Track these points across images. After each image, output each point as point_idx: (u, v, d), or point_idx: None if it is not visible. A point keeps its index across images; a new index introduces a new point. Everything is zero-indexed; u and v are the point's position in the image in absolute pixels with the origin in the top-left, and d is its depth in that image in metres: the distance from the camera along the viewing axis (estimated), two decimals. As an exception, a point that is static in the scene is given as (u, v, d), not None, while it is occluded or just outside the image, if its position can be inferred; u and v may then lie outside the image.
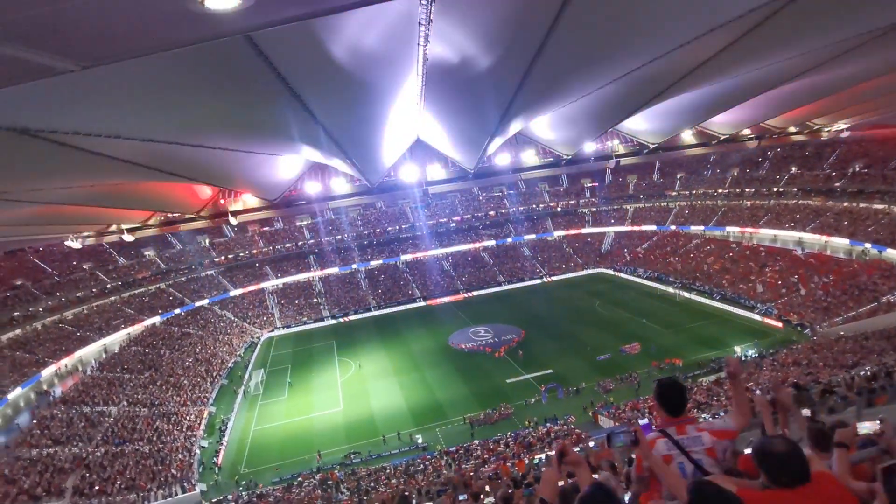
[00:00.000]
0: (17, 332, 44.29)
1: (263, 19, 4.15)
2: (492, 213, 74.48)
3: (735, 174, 64.89)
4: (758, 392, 22.77)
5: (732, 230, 58.67)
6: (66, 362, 42.19)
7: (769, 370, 28.60)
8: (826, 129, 55.01)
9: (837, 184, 52.83)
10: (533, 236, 72.70)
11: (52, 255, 54.39)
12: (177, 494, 25.58)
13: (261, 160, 31.72)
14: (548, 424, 28.27)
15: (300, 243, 67.87)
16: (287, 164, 38.51)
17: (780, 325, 39.25)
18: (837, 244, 47.29)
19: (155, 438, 30.87)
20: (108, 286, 54.48)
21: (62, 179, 20.27)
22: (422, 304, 60.14)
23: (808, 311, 39.27)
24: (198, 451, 30.48)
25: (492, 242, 71.79)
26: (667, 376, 3.93)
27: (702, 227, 62.00)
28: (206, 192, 43.81)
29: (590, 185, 76.10)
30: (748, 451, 3.70)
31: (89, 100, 10.50)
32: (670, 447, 3.26)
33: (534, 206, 75.08)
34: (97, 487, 25.24)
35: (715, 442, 3.27)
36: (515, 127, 34.09)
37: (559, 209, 75.28)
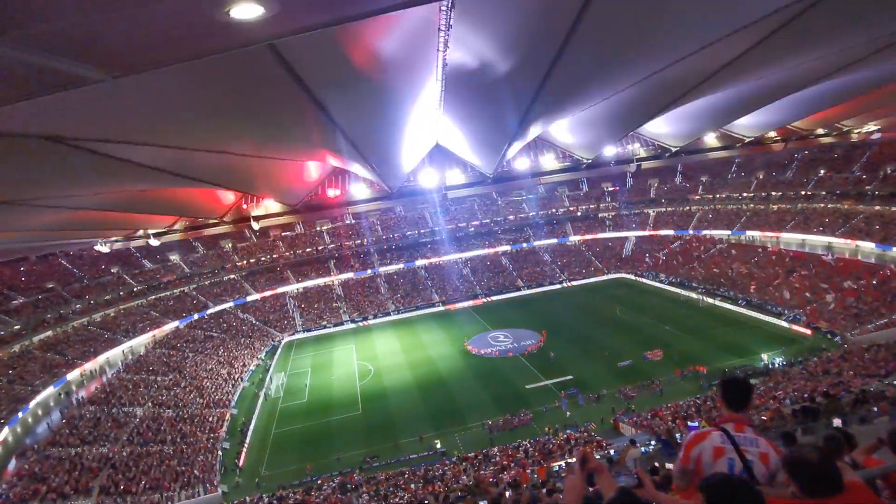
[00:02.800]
0: (48, 333, 45.64)
1: (286, 28, 4.22)
2: (511, 217, 74.22)
3: (760, 177, 63.54)
4: (787, 402, 22.18)
5: (758, 234, 57.35)
6: (93, 364, 43.31)
7: (798, 379, 27.82)
8: (856, 131, 53.47)
9: (868, 187, 51.29)
10: (552, 241, 72.20)
11: (81, 259, 56.01)
12: (199, 495, 25.96)
13: (283, 166, 32.21)
14: (568, 431, 27.94)
15: (320, 248, 68.60)
16: (308, 170, 39.04)
17: (808, 332, 38.16)
18: (869, 249, 45.86)
19: (179, 439, 31.43)
20: (135, 289, 55.84)
21: (92, 186, 20.87)
22: (441, 308, 60.16)
23: (838, 318, 38.11)
24: (220, 453, 30.93)
25: (511, 247, 71.54)
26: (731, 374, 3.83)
27: (726, 232, 60.75)
28: (229, 197, 44.61)
29: (610, 189, 75.32)
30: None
31: (119, 108, 10.80)
32: (724, 441, 3.17)
33: (553, 210, 74.61)
34: (122, 487, 25.79)
35: (770, 451, 3.15)
36: (535, 131, 33.96)
37: (579, 213, 74.66)
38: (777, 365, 33.08)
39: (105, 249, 48.15)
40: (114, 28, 3.39)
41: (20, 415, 33.76)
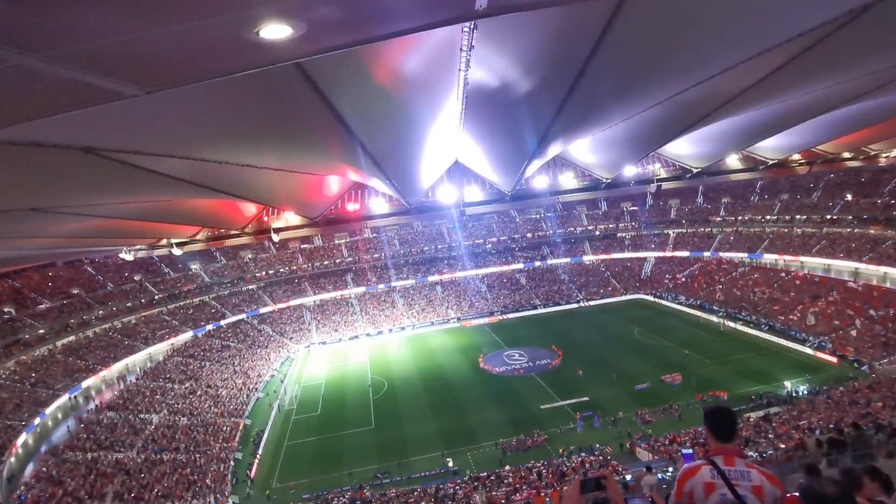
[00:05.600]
0: (71, 338, 46.60)
1: (313, 47, 4.35)
2: (528, 235, 74.01)
3: (784, 200, 62.43)
4: (818, 433, 21.48)
5: (781, 258, 56.13)
6: (113, 370, 44.01)
7: (824, 409, 26.93)
8: (884, 155, 52.30)
9: (897, 212, 50.03)
10: (570, 259, 71.67)
11: (106, 266, 57.31)
12: (210, 505, 26.00)
13: (304, 179, 32.68)
14: (583, 454, 27.38)
15: (338, 261, 69.17)
16: (329, 184, 39.52)
17: (834, 360, 36.99)
18: (898, 276, 44.53)
19: (192, 448, 31.62)
20: (156, 297, 56.86)
21: (120, 195, 21.44)
22: (456, 324, 59.92)
23: (865, 346, 36.91)
24: (232, 463, 31.00)
25: (528, 265, 71.17)
26: (715, 404, 3.82)
27: (748, 255, 59.61)
28: (251, 209, 45.34)
29: (630, 208, 74.73)
30: (795, 493, 3.51)
31: (148, 121, 11.15)
32: (714, 475, 3.10)
33: (571, 229, 74.21)
34: (133, 494, 25.94)
35: (764, 482, 3.07)
36: (554, 150, 33.92)
37: (597, 233, 74.09)
38: (801, 393, 32.09)
39: (129, 257, 49.09)
40: (149, 46, 3.54)
41: (40, 418, 34.38)
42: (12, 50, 3.16)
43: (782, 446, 18.32)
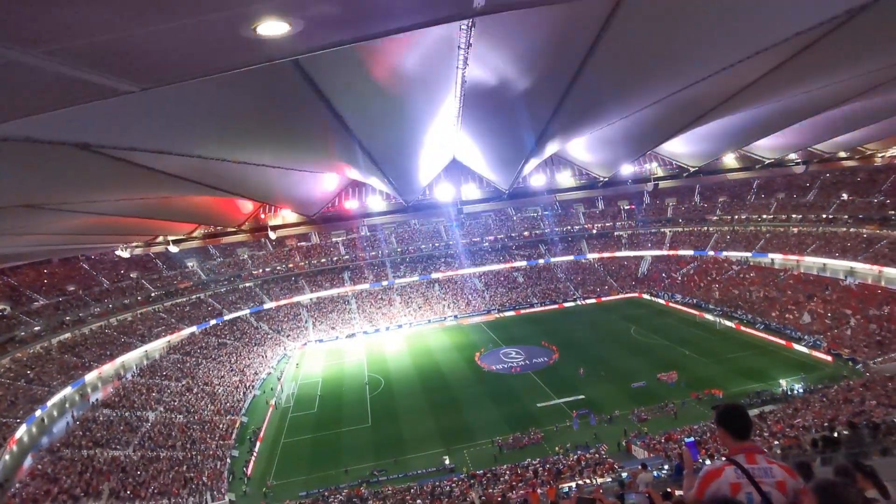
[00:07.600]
0: (67, 335, 46.43)
1: (310, 44, 4.34)
2: (526, 233, 74.03)
3: (781, 199, 62.64)
4: (813, 432, 21.56)
5: (777, 257, 56.34)
6: (109, 367, 43.88)
7: (818, 406, 27.07)
8: (880, 155, 52.51)
9: (893, 212, 50.20)
10: (567, 258, 71.76)
11: (102, 264, 57.08)
12: (207, 503, 25.96)
13: (301, 177, 32.63)
14: (579, 452, 27.46)
15: (335, 258, 69.06)
16: (326, 182, 39.47)
17: (829, 358, 37.18)
18: (892, 275, 44.70)
19: (188, 445, 31.57)
20: (152, 295, 56.67)
21: (116, 192, 21.36)
22: (453, 322, 59.95)
23: (860, 344, 37.09)
24: (228, 461, 30.97)
25: (525, 263, 71.23)
26: (725, 403, 3.82)
27: (744, 254, 59.81)
28: (248, 206, 45.25)
29: (627, 207, 74.84)
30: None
31: (145, 118, 11.10)
32: (739, 475, 3.10)
33: (569, 227, 74.27)
34: (129, 491, 25.89)
35: (786, 477, 3.08)
36: (552, 149, 33.99)
37: (595, 231, 74.17)
38: (796, 391, 32.24)
39: (125, 255, 48.98)
40: (145, 42, 3.52)
41: (36, 415, 34.29)
42: (7, 46, 3.14)
43: (776, 443, 18.38)
